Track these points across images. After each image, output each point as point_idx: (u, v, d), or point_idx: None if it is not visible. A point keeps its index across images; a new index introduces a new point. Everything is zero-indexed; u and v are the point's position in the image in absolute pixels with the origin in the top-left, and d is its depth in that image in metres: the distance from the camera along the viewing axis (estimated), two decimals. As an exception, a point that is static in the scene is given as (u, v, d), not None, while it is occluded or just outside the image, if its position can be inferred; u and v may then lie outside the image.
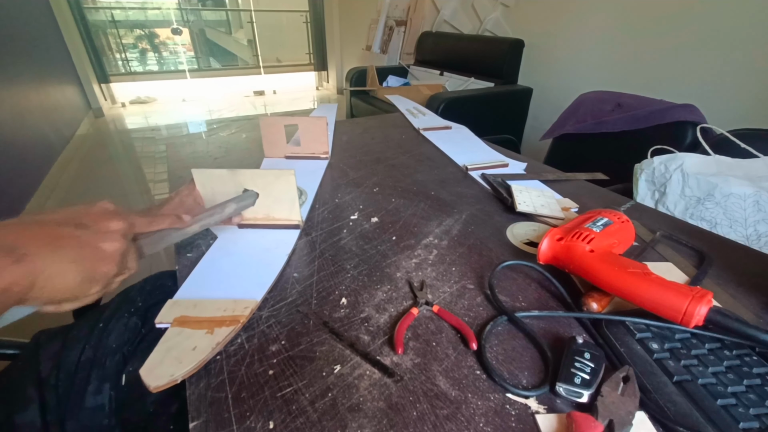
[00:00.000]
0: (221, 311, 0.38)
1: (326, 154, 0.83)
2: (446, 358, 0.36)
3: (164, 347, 0.34)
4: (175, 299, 0.41)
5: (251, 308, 0.39)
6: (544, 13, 2.10)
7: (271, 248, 0.50)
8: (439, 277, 0.47)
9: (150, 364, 0.32)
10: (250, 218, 0.54)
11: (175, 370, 0.32)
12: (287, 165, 0.80)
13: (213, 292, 0.42)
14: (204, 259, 0.48)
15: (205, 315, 0.38)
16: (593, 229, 0.45)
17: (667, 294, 0.35)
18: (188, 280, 0.44)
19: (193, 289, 0.43)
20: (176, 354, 0.33)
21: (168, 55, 5.77)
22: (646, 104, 1.17)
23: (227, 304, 0.39)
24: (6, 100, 2.02)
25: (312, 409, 0.31)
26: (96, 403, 0.43)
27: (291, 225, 0.54)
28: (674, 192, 0.86)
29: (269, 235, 0.53)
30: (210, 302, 0.40)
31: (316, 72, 5.35)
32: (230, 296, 0.41)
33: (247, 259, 0.48)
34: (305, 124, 0.80)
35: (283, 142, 0.82)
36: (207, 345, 0.34)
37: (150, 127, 3.53)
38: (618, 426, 0.28)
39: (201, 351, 0.34)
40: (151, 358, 0.33)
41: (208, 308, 0.39)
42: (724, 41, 1.44)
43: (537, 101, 2.19)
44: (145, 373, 0.31)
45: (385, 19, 3.33)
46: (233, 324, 0.37)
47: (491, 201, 0.67)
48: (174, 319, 0.37)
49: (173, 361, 0.32)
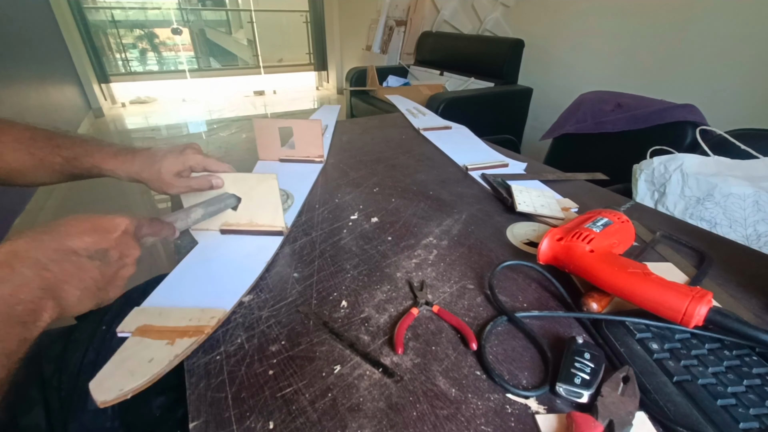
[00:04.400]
0: (186, 320, 0.36)
1: (321, 158, 0.82)
2: (446, 358, 0.36)
3: (119, 358, 0.32)
4: (142, 307, 0.39)
5: (218, 318, 0.37)
6: (544, 13, 2.10)
7: (251, 255, 0.48)
8: (439, 277, 0.47)
9: (101, 376, 0.30)
10: (233, 224, 0.52)
11: (126, 383, 0.29)
12: (281, 168, 0.79)
13: (183, 300, 0.40)
14: (181, 264, 0.46)
15: (168, 324, 0.36)
16: (593, 229, 0.45)
17: (667, 294, 0.35)
18: (160, 287, 0.42)
19: (162, 297, 0.41)
20: (130, 366, 0.31)
21: (168, 55, 5.77)
22: (646, 104, 1.17)
23: (194, 313, 0.37)
24: (6, 100, 2.01)
25: (312, 409, 0.31)
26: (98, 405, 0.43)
27: (274, 231, 0.52)
28: (674, 192, 0.86)
29: (252, 241, 0.52)
30: (177, 311, 0.38)
31: (316, 72, 5.35)
32: (201, 304, 0.39)
33: (224, 266, 0.46)
34: (300, 126, 0.79)
35: (278, 144, 0.80)
36: (165, 357, 0.32)
37: (150, 127, 3.52)
38: (618, 426, 0.28)
39: (157, 363, 0.31)
40: (103, 370, 0.31)
41: (173, 317, 0.37)
42: (724, 41, 1.44)
43: (537, 101, 2.19)
44: (95, 386, 0.29)
45: (385, 19, 3.33)
46: (197, 335, 0.35)
47: (491, 201, 0.67)
48: (136, 328, 0.35)
49: (125, 374, 0.30)
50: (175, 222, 0.42)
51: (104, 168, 0.49)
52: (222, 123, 3.58)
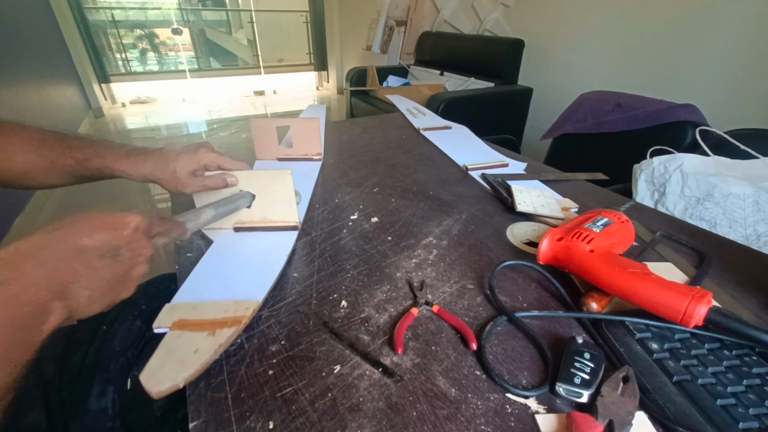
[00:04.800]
0: (222, 313, 0.37)
1: (319, 155, 0.82)
2: (446, 358, 0.36)
3: (164, 350, 0.33)
4: (173, 303, 0.39)
5: (253, 308, 0.38)
6: (544, 13, 2.10)
7: (269, 250, 0.49)
8: (439, 277, 0.47)
9: (150, 368, 0.31)
10: (246, 221, 0.52)
11: (178, 373, 0.30)
12: (280, 167, 0.79)
13: (212, 294, 0.41)
14: (201, 263, 0.47)
15: (205, 317, 0.37)
16: (593, 229, 0.45)
17: (666, 294, 0.35)
18: (186, 283, 0.43)
19: (191, 293, 0.42)
20: (178, 357, 0.32)
21: (168, 55, 5.77)
22: (646, 104, 1.17)
23: (228, 305, 0.38)
24: (6, 100, 2.01)
25: (312, 409, 0.31)
26: (99, 406, 0.43)
27: (289, 227, 0.53)
28: (674, 192, 0.86)
29: (267, 237, 0.52)
30: (210, 304, 0.39)
31: (317, 72, 5.35)
32: (230, 298, 0.40)
33: (245, 262, 0.47)
34: (298, 125, 0.79)
35: (275, 143, 0.80)
36: (209, 347, 0.33)
37: (150, 127, 3.52)
38: (618, 426, 0.28)
39: (203, 353, 0.33)
40: (151, 362, 0.31)
41: (208, 310, 0.38)
42: (724, 41, 1.44)
43: (537, 101, 2.19)
44: (146, 378, 0.30)
45: (385, 19, 3.33)
46: (235, 325, 0.36)
47: (491, 201, 0.67)
48: (173, 322, 0.36)
49: (175, 365, 0.31)
50: (186, 223, 0.42)
51: (116, 169, 0.49)
52: (222, 123, 3.58)
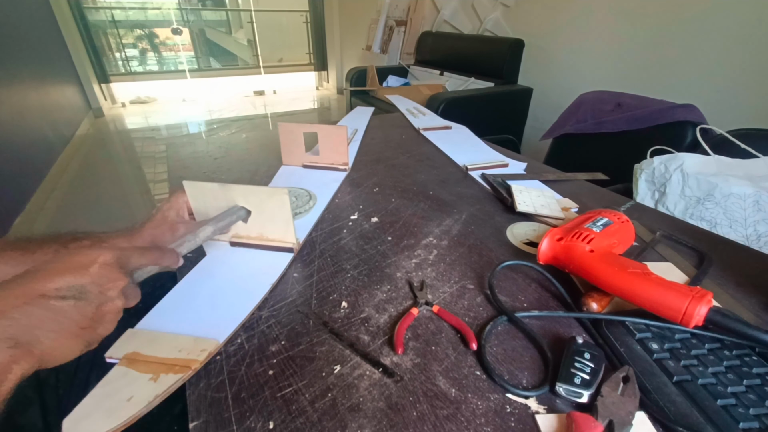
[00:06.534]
0: (176, 351, 0.35)
1: (345, 165, 0.78)
2: (446, 359, 0.36)
3: (102, 392, 0.30)
4: (136, 329, 0.37)
5: (209, 351, 0.35)
6: (544, 13, 2.09)
7: (257, 274, 0.47)
8: (439, 277, 0.47)
9: (77, 415, 0.28)
10: (243, 236, 0.51)
11: (101, 426, 0.28)
12: (304, 174, 0.77)
13: (178, 323, 0.39)
14: (183, 281, 0.45)
15: (157, 354, 0.34)
16: (593, 229, 0.45)
17: (667, 294, 0.35)
18: (158, 305, 0.41)
19: (158, 318, 0.39)
20: (109, 405, 0.29)
21: (168, 55, 5.77)
22: (646, 104, 1.17)
23: (186, 342, 0.36)
24: (6, 100, 2.01)
25: (312, 409, 0.31)
26: None
27: (285, 248, 0.50)
28: (674, 192, 0.86)
29: (260, 257, 0.50)
30: (170, 337, 0.36)
31: (316, 72, 5.35)
32: (196, 330, 0.37)
33: (227, 285, 0.45)
34: (325, 132, 0.77)
35: (302, 150, 0.78)
36: (145, 396, 0.30)
37: (150, 127, 3.52)
38: (618, 426, 0.28)
39: (136, 404, 0.29)
40: (81, 407, 0.29)
41: (165, 346, 0.35)
42: (724, 41, 1.44)
43: (537, 101, 2.19)
44: (69, 426, 0.27)
45: (385, 19, 3.33)
46: (182, 371, 0.33)
47: (491, 201, 0.67)
48: (124, 355, 0.34)
49: (102, 415, 0.28)
50: (181, 246, 0.41)
51: None
52: (222, 123, 3.58)
